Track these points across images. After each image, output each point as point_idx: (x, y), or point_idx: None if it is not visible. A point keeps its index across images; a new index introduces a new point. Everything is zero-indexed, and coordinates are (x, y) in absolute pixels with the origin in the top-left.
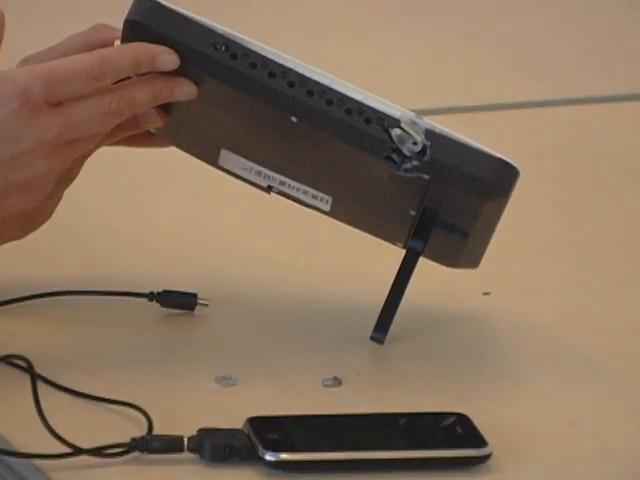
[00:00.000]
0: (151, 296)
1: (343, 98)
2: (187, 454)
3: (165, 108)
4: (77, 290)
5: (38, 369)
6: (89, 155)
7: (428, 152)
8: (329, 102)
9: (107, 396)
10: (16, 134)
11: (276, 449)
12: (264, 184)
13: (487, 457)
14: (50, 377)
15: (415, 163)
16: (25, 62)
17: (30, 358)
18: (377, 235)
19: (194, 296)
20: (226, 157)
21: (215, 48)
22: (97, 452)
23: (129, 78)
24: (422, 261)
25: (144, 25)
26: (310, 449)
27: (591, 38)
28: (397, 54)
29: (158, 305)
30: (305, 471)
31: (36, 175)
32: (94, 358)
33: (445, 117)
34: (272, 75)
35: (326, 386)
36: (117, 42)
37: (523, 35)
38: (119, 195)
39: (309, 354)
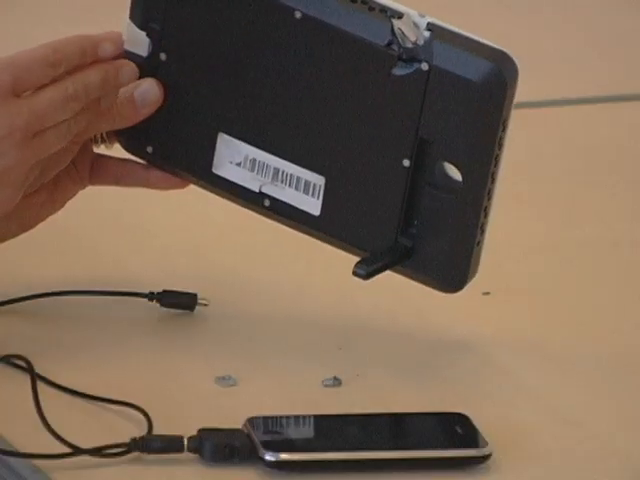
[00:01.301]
0: (151, 296)
1: None
2: (187, 454)
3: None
4: (77, 290)
5: (38, 369)
6: (64, 163)
7: (428, 37)
8: None
9: (107, 396)
10: None
11: (276, 449)
12: (256, 186)
13: (487, 457)
14: (50, 377)
15: (414, 47)
16: None
17: (30, 358)
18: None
19: (194, 296)
20: (221, 154)
21: None
22: (97, 452)
23: None
24: None
25: None
26: (310, 449)
27: (591, 38)
28: None
29: (158, 305)
30: (305, 471)
31: (8, 166)
32: (94, 358)
33: None
34: None
35: (326, 386)
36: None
37: (522, 35)
38: (119, 195)
39: (309, 354)
